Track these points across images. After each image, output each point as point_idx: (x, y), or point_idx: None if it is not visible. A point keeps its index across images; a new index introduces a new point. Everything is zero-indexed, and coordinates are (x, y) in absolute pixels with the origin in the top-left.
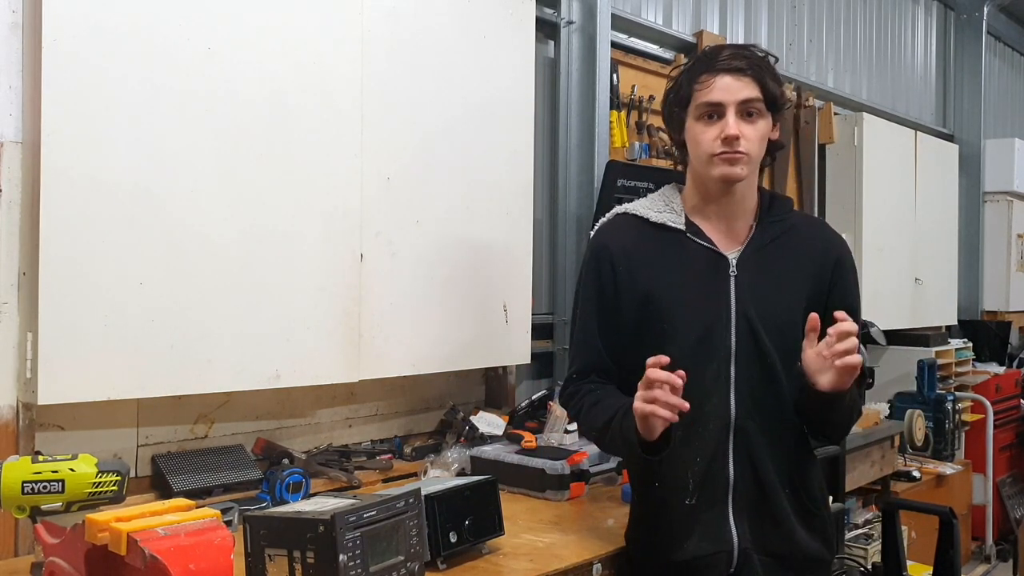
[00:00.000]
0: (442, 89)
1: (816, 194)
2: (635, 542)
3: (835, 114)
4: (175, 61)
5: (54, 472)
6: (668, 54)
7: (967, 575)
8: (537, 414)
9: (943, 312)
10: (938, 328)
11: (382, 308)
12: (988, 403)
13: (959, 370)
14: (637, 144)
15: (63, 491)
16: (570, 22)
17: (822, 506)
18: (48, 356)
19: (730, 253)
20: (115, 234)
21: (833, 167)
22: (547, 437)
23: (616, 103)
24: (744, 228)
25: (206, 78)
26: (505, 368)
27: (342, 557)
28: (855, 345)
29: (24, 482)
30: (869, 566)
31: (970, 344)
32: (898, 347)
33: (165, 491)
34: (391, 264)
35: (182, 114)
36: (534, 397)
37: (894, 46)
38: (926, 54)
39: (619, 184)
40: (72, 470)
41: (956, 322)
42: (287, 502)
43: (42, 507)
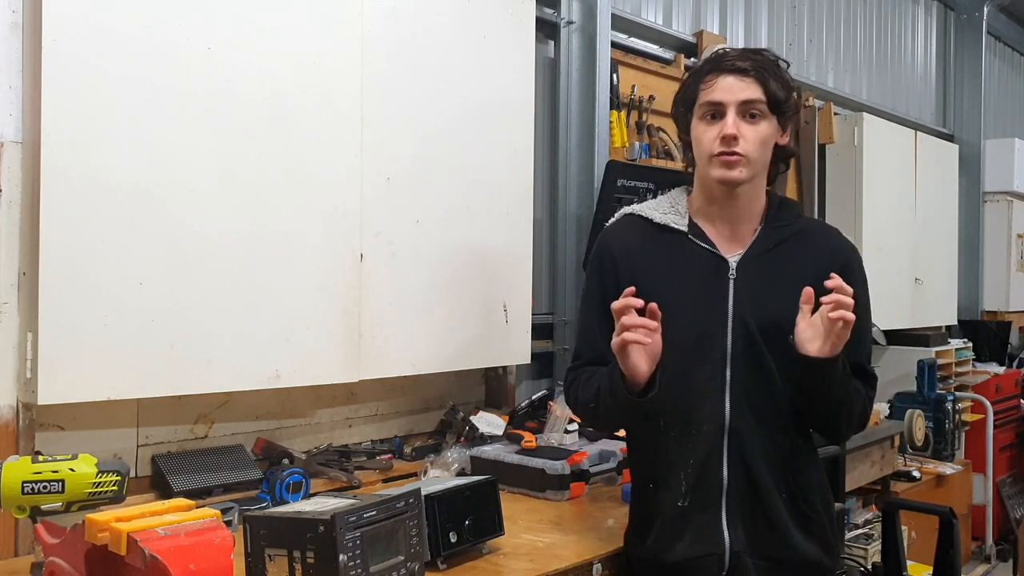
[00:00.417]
0: (442, 89)
1: (816, 194)
2: (631, 542)
3: (835, 114)
4: (175, 61)
5: (54, 472)
6: (668, 54)
7: (967, 575)
8: (537, 414)
9: (943, 312)
10: (938, 328)
11: (382, 308)
12: (988, 403)
13: (959, 370)
14: (637, 144)
15: (63, 491)
16: (570, 22)
17: (821, 511)
18: (48, 356)
19: (731, 256)
20: (115, 234)
21: (833, 167)
22: (547, 437)
23: (616, 103)
24: (749, 231)
25: (206, 78)
26: (505, 368)
27: (342, 557)
28: (850, 304)
29: (24, 482)
30: (869, 566)
31: (970, 344)
32: (898, 347)
33: (165, 491)
34: (391, 264)
35: (182, 114)
36: (534, 397)
37: (894, 46)
38: (926, 54)
39: (619, 184)
40: (72, 470)
41: (956, 322)
42: (287, 502)
43: (42, 507)
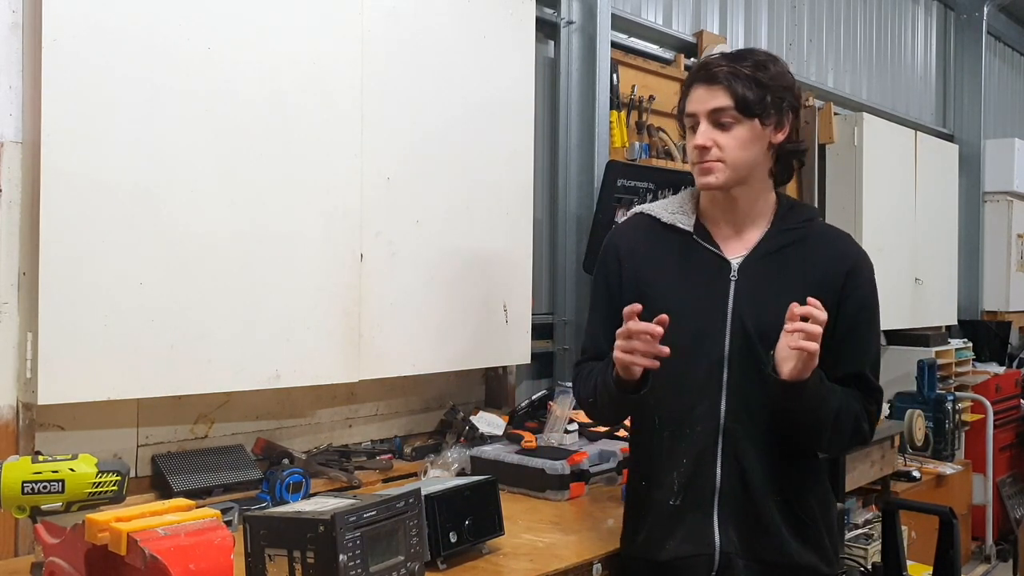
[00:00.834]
0: (442, 89)
1: (816, 194)
2: (625, 540)
3: (835, 114)
4: (175, 61)
5: (54, 472)
6: (668, 54)
7: (967, 575)
8: (537, 414)
9: (943, 312)
10: (938, 328)
11: (382, 308)
12: (988, 403)
13: (959, 370)
14: (637, 144)
15: (63, 491)
16: (570, 22)
17: (818, 516)
18: (48, 356)
19: (734, 257)
20: (115, 234)
21: (833, 167)
22: (547, 437)
23: (616, 103)
24: (755, 234)
25: (206, 78)
26: (505, 368)
27: (342, 557)
28: (817, 333)
29: (24, 482)
30: (869, 566)
31: (970, 344)
32: (898, 347)
33: (165, 491)
34: (391, 264)
35: (182, 114)
36: (534, 397)
37: (894, 46)
38: (926, 54)
39: (619, 184)
40: (72, 470)
41: (956, 322)
42: (287, 502)
43: (42, 507)
